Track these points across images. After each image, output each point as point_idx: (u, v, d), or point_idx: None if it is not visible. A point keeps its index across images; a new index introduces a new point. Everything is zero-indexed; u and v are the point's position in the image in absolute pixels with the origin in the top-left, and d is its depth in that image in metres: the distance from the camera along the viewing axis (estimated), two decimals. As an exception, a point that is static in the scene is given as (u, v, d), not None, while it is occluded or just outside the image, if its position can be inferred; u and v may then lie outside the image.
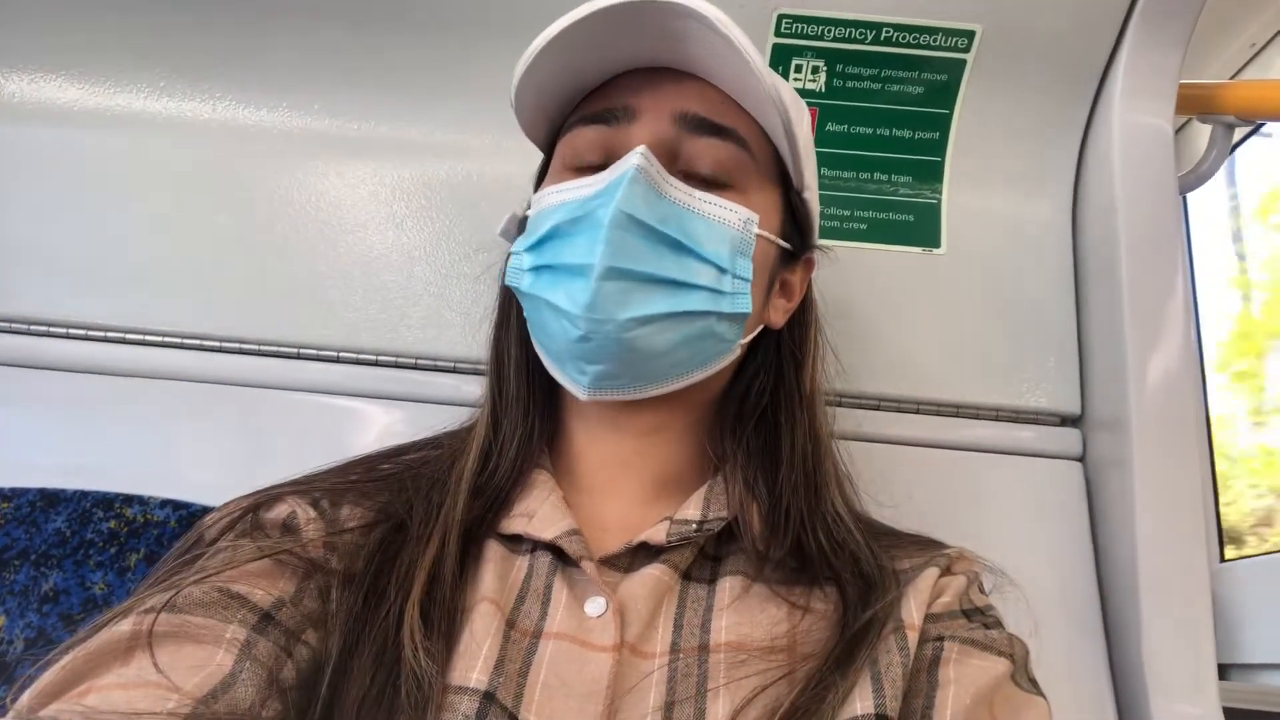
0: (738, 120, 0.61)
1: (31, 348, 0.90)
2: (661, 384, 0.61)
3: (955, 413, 0.91)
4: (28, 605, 0.72)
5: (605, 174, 0.58)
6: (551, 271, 0.58)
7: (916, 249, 0.94)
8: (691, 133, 0.60)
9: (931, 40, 0.90)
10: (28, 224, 0.93)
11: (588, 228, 0.56)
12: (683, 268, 0.57)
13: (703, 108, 0.60)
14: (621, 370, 0.59)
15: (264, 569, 0.52)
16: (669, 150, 0.59)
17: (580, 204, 0.58)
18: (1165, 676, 0.76)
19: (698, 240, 0.57)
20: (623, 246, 0.55)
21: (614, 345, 0.56)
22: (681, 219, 0.57)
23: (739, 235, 0.59)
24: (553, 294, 0.57)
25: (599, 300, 0.55)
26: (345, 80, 0.95)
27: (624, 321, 0.55)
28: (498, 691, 0.50)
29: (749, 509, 0.61)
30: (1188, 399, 0.83)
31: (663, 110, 0.60)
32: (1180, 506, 0.80)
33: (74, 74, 0.96)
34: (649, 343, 0.57)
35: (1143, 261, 0.84)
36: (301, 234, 0.94)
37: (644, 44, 0.59)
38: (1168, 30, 0.87)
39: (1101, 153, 0.90)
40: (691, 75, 0.61)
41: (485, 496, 0.60)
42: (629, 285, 0.55)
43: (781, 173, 0.65)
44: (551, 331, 0.59)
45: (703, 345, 0.60)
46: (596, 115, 0.62)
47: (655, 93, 0.61)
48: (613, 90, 0.62)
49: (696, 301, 0.57)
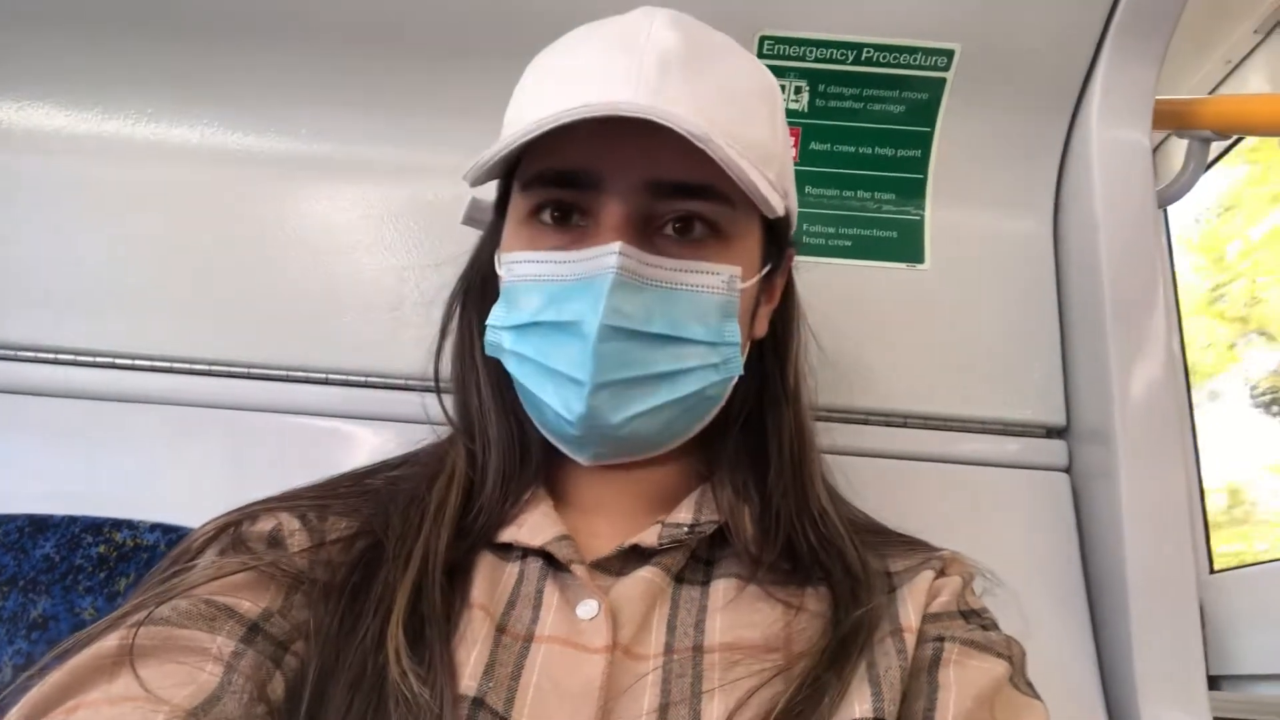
0: (713, 173, 0.54)
1: (20, 373, 0.89)
2: (661, 449, 0.62)
3: (942, 426, 0.91)
4: (16, 632, 0.71)
5: (582, 260, 0.55)
6: (538, 368, 0.58)
7: (901, 265, 0.95)
8: (665, 198, 0.56)
9: (912, 60, 0.91)
10: (15, 249, 0.93)
11: (573, 336, 0.55)
12: (674, 357, 0.57)
13: (676, 170, 0.55)
14: (620, 451, 0.61)
15: (250, 581, 0.52)
16: (643, 218, 0.56)
17: (559, 295, 0.56)
18: (1156, 685, 0.76)
19: (685, 325, 0.56)
20: (613, 358, 0.54)
21: (613, 440, 0.58)
22: (666, 305, 0.56)
23: (724, 299, 0.58)
24: (544, 393, 0.57)
25: (593, 412, 0.55)
26: (334, 103, 0.96)
27: (619, 422, 0.56)
28: (487, 696, 0.49)
29: (740, 513, 0.61)
30: (1171, 409, 0.83)
31: (632, 178, 0.55)
32: (1166, 515, 0.80)
33: (62, 100, 0.96)
34: (646, 429, 0.58)
35: (1123, 274, 0.85)
36: (291, 257, 0.94)
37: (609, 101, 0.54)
38: (1144, 47, 0.88)
39: (1081, 167, 0.91)
40: (657, 124, 0.53)
41: (472, 535, 0.59)
42: (621, 390, 0.56)
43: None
44: (547, 419, 0.60)
45: (696, 409, 0.61)
46: (558, 178, 0.57)
47: (622, 156, 0.56)
48: (574, 144, 0.55)
49: (691, 383, 0.58)
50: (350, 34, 0.92)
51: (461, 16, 0.91)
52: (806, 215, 0.95)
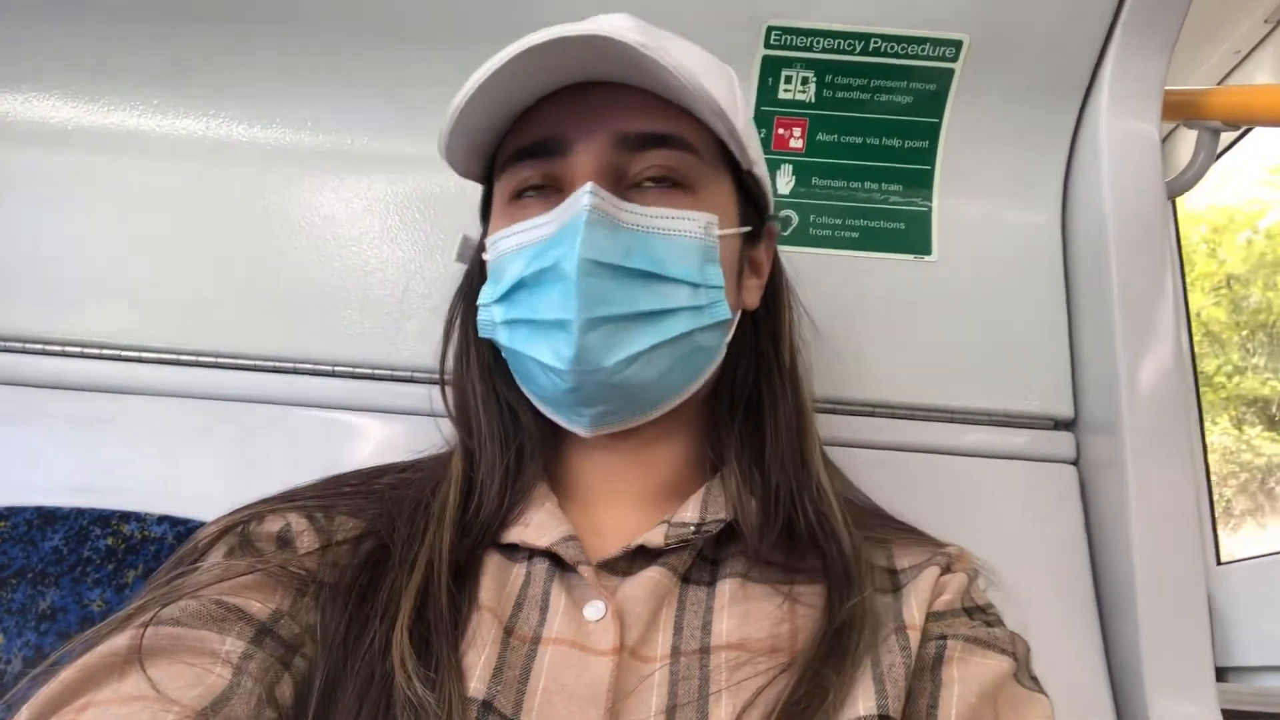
0: (677, 123, 0.60)
1: (27, 365, 0.90)
2: (660, 407, 0.61)
3: (949, 418, 0.91)
4: (25, 624, 0.72)
5: (557, 213, 0.57)
6: (529, 326, 0.58)
7: (908, 256, 0.94)
8: (634, 149, 0.58)
9: (919, 50, 0.91)
10: (23, 241, 0.93)
11: (555, 279, 0.55)
12: (657, 296, 0.57)
13: (641, 122, 0.59)
14: (619, 406, 0.59)
15: (259, 582, 0.52)
16: (614, 172, 0.58)
17: (540, 251, 0.57)
18: (1163, 677, 0.76)
19: (665, 263, 0.57)
20: (595, 293, 0.54)
21: (607, 389, 0.57)
22: (644, 245, 0.57)
23: (703, 243, 0.59)
24: (535, 349, 0.57)
25: (583, 353, 0.55)
26: (339, 95, 0.96)
27: (613, 366, 0.56)
28: (496, 699, 0.49)
29: (748, 505, 0.60)
30: (1180, 401, 0.83)
31: (599, 134, 0.58)
32: (1174, 507, 0.80)
33: (68, 93, 0.96)
34: (641, 376, 0.57)
35: (1132, 265, 0.85)
36: (296, 249, 0.94)
37: (570, 64, 0.57)
38: (1153, 37, 0.88)
39: (1090, 158, 0.91)
40: (621, 85, 0.59)
41: (473, 534, 0.59)
42: (610, 329, 0.55)
43: (728, 158, 0.64)
44: (540, 383, 0.60)
45: (692, 360, 0.60)
46: (532, 149, 0.60)
47: (588, 116, 0.59)
48: (544, 117, 0.60)
49: (678, 324, 0.58)
50: (357, 26, 0.92)
51: (468, 8, 0.90)
52: (813, 206, 0.95)
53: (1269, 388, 1.71)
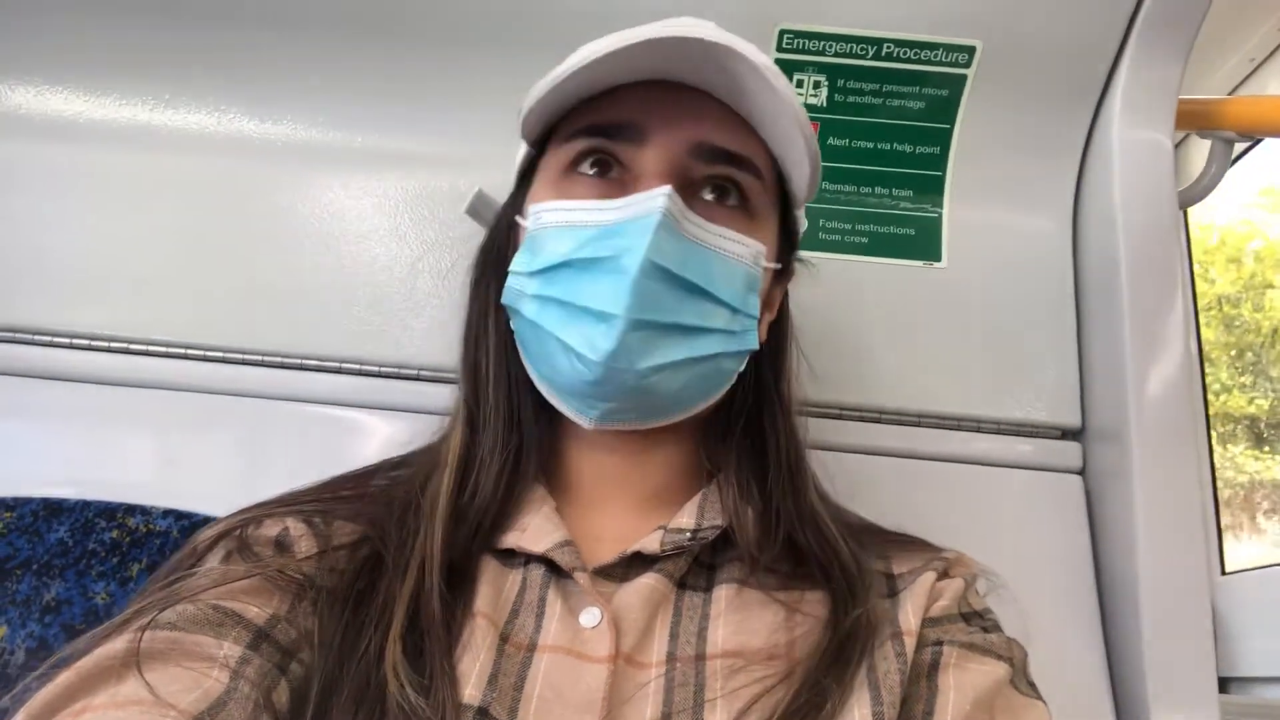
0: (753, 147, 0.60)
1: (35, 357, 0.90)
2: (668, 417, 0.61)
3: (956, 426, 0.91)
4: (29, 615, 0.72)
5: (625, 203, 0.56)
6: (563, 308, 0.56)
7: (918, 262, 0.94)
8: (706, 162, 0.58)
9: (932, 55, 0.90)
10: (32, 234, 0.93)
11: (611, 271, 0.54)
12: (701, 313, 0.57)
13: (720, 136, 0.59)
14: (632, 408, 0.59)
15: (257, 586, 0.52)
16: (684, 176, 0.58)
17: (597, 238, 0.56)
18: (1166, 687, 0.76)
19: (715, 283, 0.57)
20: (649, 297, 0.54)
21: (629, 390, 0.56)
22: (702, 260, 0.56)
23: (750, 271, 0.59)
24: (565, 333, 0.56)
25: (622, 350, 0.54)
26: (349, 92, 0.96)
27: (643, 370, 0.55)
28: (491, 707, 0.49)
29: (744, 514, 0.60)
30: (1187, 412, 0.83)
31: (677, 137, 0.58)
32: (1180, 517, 0.80)
33: (79, 87, 0.96)
34: (663, 386, 0.57)
35: (1143, 275, 0.84)
36: (304, 245, 0.94)
37: (659, 58, 0.57)
38: (1167, 45, 0.87)
39: (1102, 167, 0.90)
40: (702, 93, 0.59)
41: (468, 523, 0.58)
42: (651, 334, 0.55)
43: (780, 192, 0.64)
44: (559, 367, 0.58)
45: (710, 380, 0.60)
46: (608, 129, 0.59)
47: (669, 115, 0.58)
48: (624, 101, 0.59)
49: (712, 344, 0.58)
50: (367, 23, 0.92)
51: (478, 6, 0.90)
52: (823, 211, 0.95)
53: (1255, 406, 1.74)
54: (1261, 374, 1.75)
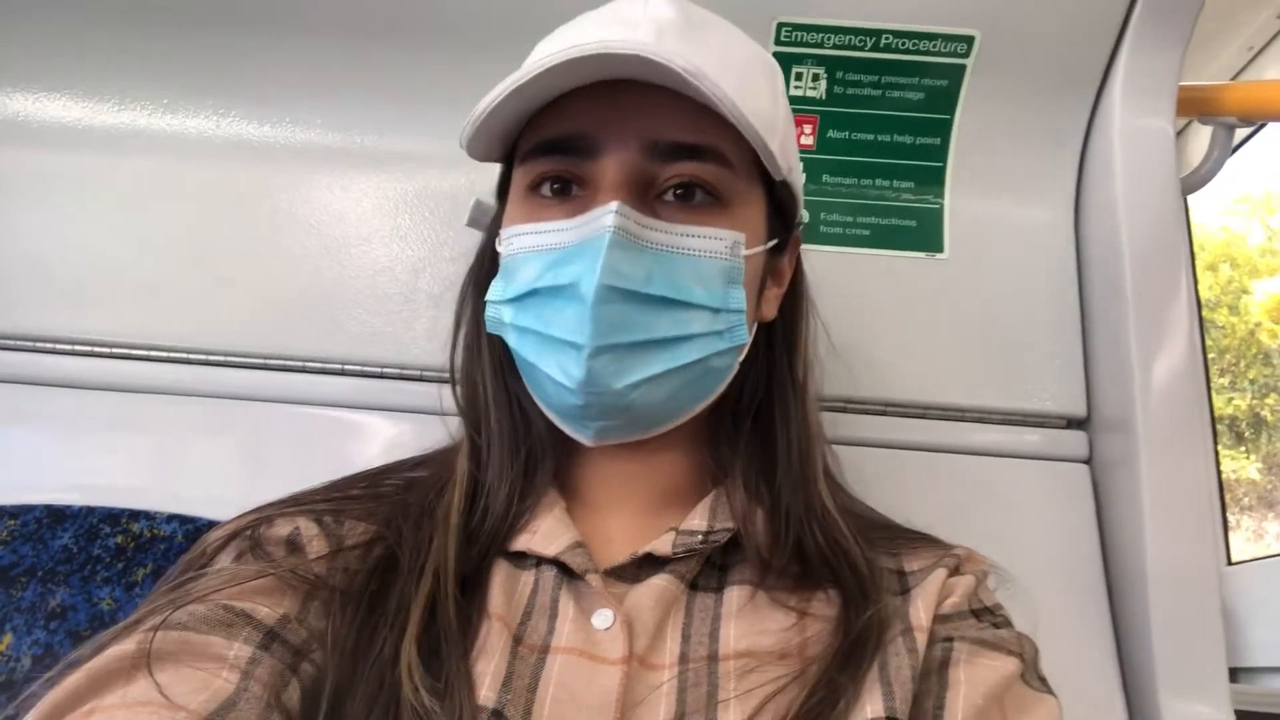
0: (712, 134, 0.56)
1: (37, 364, 0.90)
2: (665, 426, 0.60)
3: (961, 417, 0.91)
4: (35, 622, 0.72)
5: (578, 223, 0.55)
6: (538, 338, 0.56)
7: (920, 254, 0.94)
8: (664, 159, 0.56)
9: (931, 46, 0.90)
10: (33, 241, 0.93)
11: (571, 299, 0.54)
12: (676, 322, 0.55)
13: (674, 130, 0.56)
14: (624, 424, 0.58)
15: (268, 587, 0.52)
16: (642, 180, 0.56)
17: (557, 260, 0.55)
18: (1175, 676, 0.76)
19: (686, 288, 0.55)
20: (611, 320, 0.53)
21: (614, 409, 0.56)
22: (667, 268, 0.55)
23: (727, 264, 0.57)
24: (543, 363, 0.56)
25: (593, 376, 0.54)
26: (348, 94, 0.96)
27: (621, 389, 0.55)
28: (506, 709, 0.49)
29: (753, 517, 0.60)
30: (1193, 400, 0.82)
31: (630, 139, 0.55)
32: (1187, 506, 0.80)
33: (78, 92, 0.96)
34: (649, 398, 0.56)
35: (1146, 262, 0.84)
36: (305, 247, 0.94)
37: (606, 64, 0.53)
38: (1167, 32, 0.87)
39: (1103, 155, 0.90)
40: (655, 86, 0.55)
41: (480, 541, 0.58)
42: (622, 353, 0.54)
43: (762, 167, 0.60)
44: (548, 392, 0.58)
45: (702, 382, 0.59)
46: (555, 144, 0.57)
47: (619, 119, 0.56)
48: (571, 111, 0.57)
49: (694, 350, 0.56)
50: (365, 25, 0.92)
51: (477, 7, 0.90)
52: (824, 204, 0.94)
53: (1233, 406, 1.80)
54: (1240, 376, 1.79)
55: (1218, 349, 1.80)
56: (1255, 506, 1.77)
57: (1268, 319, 1.79)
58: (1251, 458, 1.79)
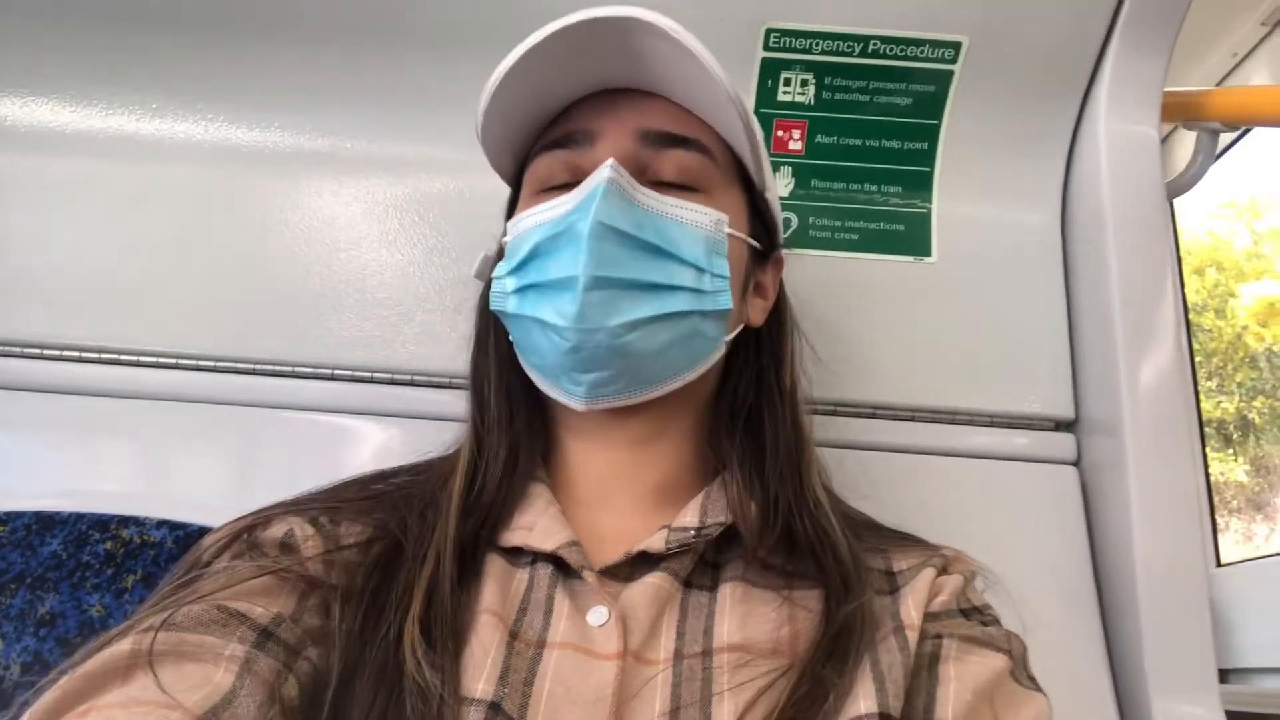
0: (699, 130, 0.64)
1: (25, 370, 0.89)
2: (656, 386, 0.62)
3: (950, 420, 0.91)
4: (24, 629, 0.71)
5: (577, 191, 0.60)
6: (536, 290, 0.60)
7: (908, 258, 0.94)
8: (655, 146, 0.62)
9: (919, 52, 0.91)
10: (20, 246, 0.93)
11: (568, 242, 0.58)
12: (663, 271, 0.59)
13: (663, 122, 0.63)
14: (616, 375, 0.60)
15: (263, 587, 0.52)
16: (635, 164, 0.61)
17: (557, 221, 0.59)
18: (1166, 677, 0.76)
19: (675, 243, 0.59)
20: (604, 255, 0.56)
21: (606, 352, 0.58)
22: (657, 224, 0.59)
23: (712, 236, 0.61)
24: (540, 310, 0.59)
25: (586, 310, 0.56)
26: (337, 98, 0.96)
27: (613, 328, 0.57)
28: (503, 702, 0.50)
29: (748, 509, 0.61)
30: (1180, 402, 0.83)
31: (624, 129, 0.62)
32: (1176, 507, 0.80)
33: (66, 97, 0.96)
34: (640, 346, 0.58)
35: (1132, 266, 0.85)
36: (295, 252, 0.94)
37: (603, 66, 0.62)
38: (1152, 39, 0.88)
39: (1089, 159, 0.91)
40: (650, 93, 0.64)
41: (475, 515, 0.60)
42: (614, 293, 0.57)
43: (743, 177, 0.67)
44: (541, 349, 0.61)
45: (691, 344, 0.61)
46: (559, 140, 0.64)
47: (615, 114, 0.63)
48: (573, 115, 0.65)
49: (680, 302, 0.59)
50: (354, 30, 0.92)
51: (466, 10, 0.90)
52: (813, 209, 0.95)
53: (1220, 409, 1.82)
54: (1227, 379, 1.82)
55: (1205, 352, 1.83)
56: (1244, 509, 1.79)
57: (1254, 322, 1.81)
58: (1240, 460, 1.81)
